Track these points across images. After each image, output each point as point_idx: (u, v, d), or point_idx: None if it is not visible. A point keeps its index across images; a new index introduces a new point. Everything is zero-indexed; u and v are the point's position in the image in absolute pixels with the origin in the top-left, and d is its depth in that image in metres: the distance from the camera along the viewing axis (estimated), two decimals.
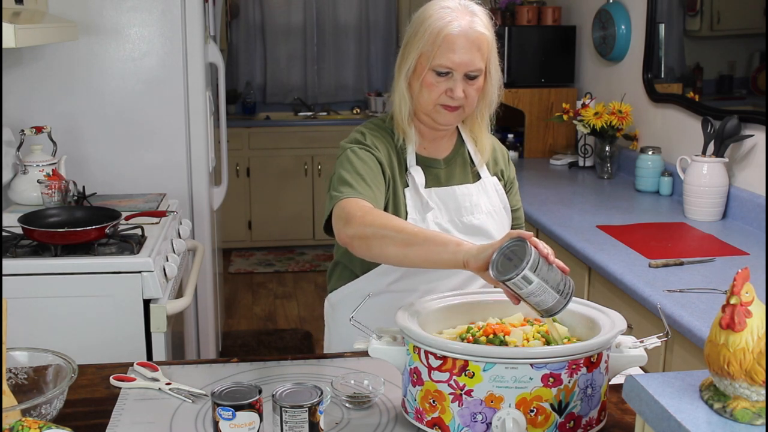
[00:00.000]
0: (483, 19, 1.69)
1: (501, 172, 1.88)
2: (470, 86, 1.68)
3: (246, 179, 5.68)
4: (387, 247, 1.46)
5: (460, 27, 1.64)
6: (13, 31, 2.08)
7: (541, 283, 1.25)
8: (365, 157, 1.68)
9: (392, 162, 1.74)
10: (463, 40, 1.64)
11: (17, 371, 1.44)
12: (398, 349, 1.35)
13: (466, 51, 1.64)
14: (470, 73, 1.66)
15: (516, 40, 3.97)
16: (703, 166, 2.72)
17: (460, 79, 1.66)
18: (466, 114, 1.75)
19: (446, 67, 1.65)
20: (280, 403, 1.27)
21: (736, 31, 2.90)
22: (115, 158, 3.16)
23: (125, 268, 2.23)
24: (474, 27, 1.66)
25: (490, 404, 1.24)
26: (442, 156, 1.81)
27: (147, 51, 3.12)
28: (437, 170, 1.79)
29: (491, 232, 1.77)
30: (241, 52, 6.14)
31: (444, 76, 1.66)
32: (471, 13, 1.68)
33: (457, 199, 1.76)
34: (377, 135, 1.76)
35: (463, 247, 1.37)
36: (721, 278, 2.11)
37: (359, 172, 1.64)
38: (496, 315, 1.46)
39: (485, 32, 1.67)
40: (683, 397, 1.09)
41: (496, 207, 1.81)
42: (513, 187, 1.91)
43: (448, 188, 1.77)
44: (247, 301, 4.93)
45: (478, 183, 1.81)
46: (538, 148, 4.02)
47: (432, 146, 1.80)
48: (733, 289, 1.03)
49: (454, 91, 1.66)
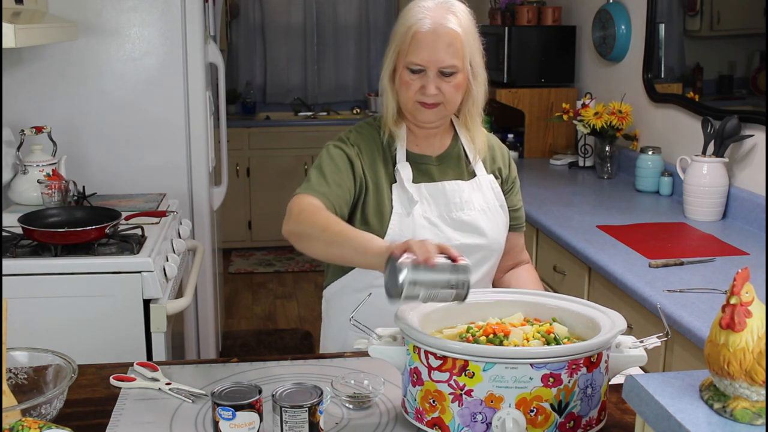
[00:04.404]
0: (460, 16, 1.69)
1: (498, 171, 1.87)
2: (446, 83, 1.68)
3: (246, 179, 5.68)
4: (313, 245, 1.55)
5: (430, 24, 1.66)
6: (13, 31, 2.09)
7: (429, 290, 1.29)
8: (336, 154, 1.73)
9: (375, 160, 1.76)
10: (433, 37, 1.66)
11: (17, 371, 1.44)
12: (398, 349, 1.35)
13: (436, 48, 1.65)
14: (444, 69, 1.67)
15: (516, 40, 3.97)
16: (703, 166, 2.72)
17: (433, 77, 1.67)
18: (448, 112, 1.75)
19: (417, 64, 1.67)
20: (280, 403, 1.27)
21: (736, 31, 2.90)
22: (115, 158, 3.16)
23: (125, 268, 2.23)
24: (445, 24, 1.66)
25: (490, 404, 1.24)
26: (435, 153, 1.81)
27: (147, 51, 3.12)
28: (429, 166, 1.79)
29: (483, 228, 1.78)
30: (241, 52, 6.14)
31: (418, 73, 1.68)
32: (447, 10, 1.68)
33: (447, 195, 1.77)
34: (364, 134, 1.79)
35: (372, 251, 1.41)
36: (721, 278, 2.11)
37: (323, 170, 1.70)
38: (496, 315, 1.46)
39: (457, 29, 1.67)
40: (683, 397, 1.09)
41: (491, 204, 1.81)
42: (514, 187, 1.91)
43: (437, 184, 1.77)
44: (247, 301, 4.93)
45: (472, 180, 1.81)
46: (538, 148, 4.02)
47: (425, 143, 1.81)
48: (733, 289, 1.03)
49: (426, 88, 1.68)
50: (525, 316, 1.46)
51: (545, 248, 2.86)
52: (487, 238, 1.78)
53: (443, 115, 1.75)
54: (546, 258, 2.85)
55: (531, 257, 2.97)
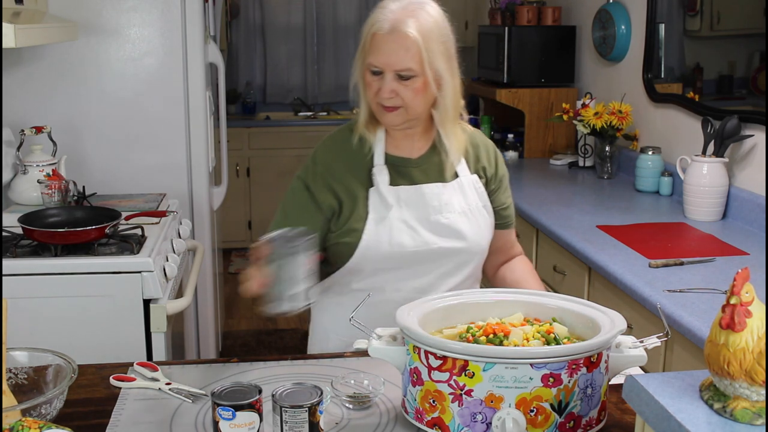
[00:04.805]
0: (422, 20, 1.64)
1: (483, 170, 1.83)
2: (404, 87, 1.65)
3: (246, 179, 5.68)
4: None
5: (389, 27, 1.63)
6: (13, 31, 2.09)
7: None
8: (297, 189, 1.76)
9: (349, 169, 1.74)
10: (389, 40, 1.63)
11: (17, 371, 1.44)
12: (398, 349, 1.35)
13: (391, 51, 1.63)
14: (401, 73, 1.64)
15: (516, 40, 3.97)
16: (703, 166, 2.72)
17: (389, 79, 1.65)
18: (411, 116, 1.70)
19: (374, 66, 1.66)
20: (280, 403, 1.27)
21: (736, 31, 2.90)
22: (115, 158, 3.16)
23: (125, 268, 2.23)
24: (402, 28, 1.62)
25: (490, 404, 1.24)
26: (415, 155, 1.78)
27: (147, 51, 3.12)
28: (409, 169, 1.77)
29: (463, 231, 1.75)
30: (241, 52, 6.14)
31: (377, 75, 1.67)
32: (410, 13, 1.64)
33: (425, 198, 1.74)
34: (333, 144, 1.79)
35: None
36: (721, 278, 2.11)
37: (286, 209, 1.77)
38: (496, 315, 1.46)
39: (414, 34, 1.62)
40: (683, 397, 1.09)
41: (473, 206, 1.78)
42: (501, 186, 1.87)
43: (415, 187, 1.75)
44: (247, 301, 4.93)
45: (454, 182, 1.78)
46: (538, 148, 4.02)
47: (404, 144, 1.78)
48: (733, 289, 1.03)
49: (381, 90, 1.66)
50: (525, 316, 1.46)
51: (545, 248, 2.86)
52: (467, 242, 1.76)
53: (406, 118, 1.71)
54: (546, 258, 2.86)
55: (531, 257, 2.98)
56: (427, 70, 1.65)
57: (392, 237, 1.71)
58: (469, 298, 1.51)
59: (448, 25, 1.70)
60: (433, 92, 1.68)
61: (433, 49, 1.64)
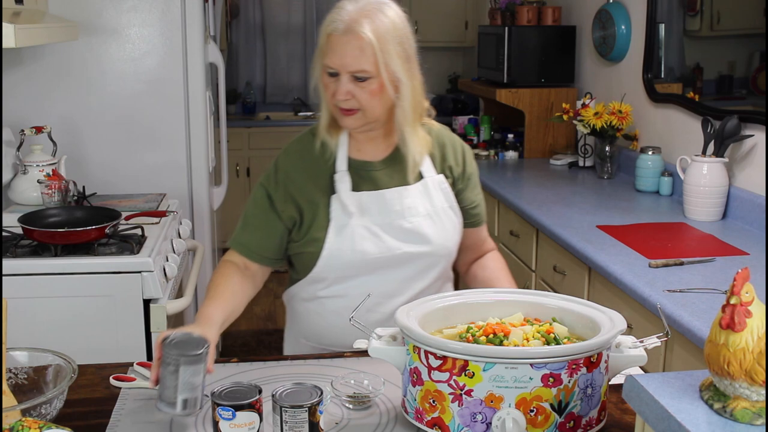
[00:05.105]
0: (378, 22, 1.61)
1: (449, 169, 1.79)
2: (360, 89, 1.62)
3: (246, 179, 5.68)
4: None
5: (344, 28, 1.60)
6: (13, 31, 2.09)
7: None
8: (258, 197, 1.75)
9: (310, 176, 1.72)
10: (343, 41, 1.60)
11: (17, 371, 1.44)
12: (398, 349, 1.35)
13: (346, 52, 1.60)
14: (356, 74, 1.61)
15: (516, 40, 3.97)
16: (703, 166, 2.72)
17: (345, 81, 1.62)
18: (370, 118, 1.67)
19: (330, 67, 1.63)
20: (280, 403, 1.27)
21: (736, 31, 2.90)
22: (115, 158, 3.16)
23: (125, 268, 2.24)
24: (357, 29, 1.59)
25: (490, 404, 1.24)
26: (379, 157, 1.75)
27: (147, 51, 3.13)
28: (372, 172, 1.73)
29: (427, 235, 1.72)
30: (241, 52, 6.14)
31: (334, 76, 1.64)
32: (365, 14, 1.61)
33: (387, 203, 1.71)
34: (295, 150, 1.77)
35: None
36: (721, 278, 2.11)
37: (247, 217, 1.77)
38: (496, 315, 1.46)
39: (369, 35, 1.59)
40: (683, 397, 1.09)
41: (438, 208, 1.75)
42: (469, 184, 1.83)
43: (377, 192, 1.72)
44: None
45: (418, 183, 1.74)
46: (538, 148, 4.02)
47: (367, 147, 1.75)
48: (733, 289, 1.03)
49: (337, 92, 1.64)
50: (525, 316, 1.46)
51: (545, 248, 2.86)
52: (432, 245, 1.73)
53: (365, 121, 1.68)
54: (546, 258, 2.86)
55: (531, 257, 2.98)
56: (383, 71, 1.61)
57: (354, 244, 1.68)
58: (469, 298, 1.51)
59: (407, 26, 1.67)
60: (390, 94, 1.65)
61: (388, 50, 1.61)
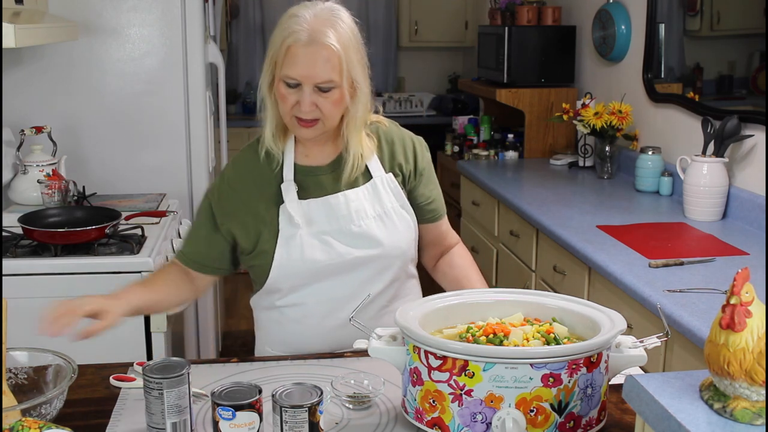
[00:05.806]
0: (340, 30, 1.59)
1: (399, 167, 1.75)
2: (324, 99, 1.59)
3: None
4: None
5: (307, 38, 1.56)
6: (13, 31, 2.09)
7: None
8: (203, 209, 1.78)
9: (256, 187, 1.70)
10: (308, 52, 1.56)
11: (17, 371, 1.44)
12: (398, 349, 1.35)
13: (311, 63, 1.56)
14: (321, 85, 1.57)
15: (516, 40, 3.97)
16: (703, 166, 2.72)
17: (309, 92, 1.58)
18: (327, 127, 1.64)
19: (293, 78, 1.58)
20: (280, 403, 1.27)
21: (736, 31, 2.90)
22: (115, 158, 3.16)
23: (125, 268, 2.24)
24: (322, 40, 1.56)
25: (490, 404, 1.24)
26: (327, 161, 1.72)
27: (147, 51, 3.13)
28: (320, 177, 1.71)
29: (378, 237, 1.69)
30: (241, 52, 6.14)
31: (294, 87, 1.59)
32: (326, 23, 1.58)
33: (333, 209, 1.68)
34: (242, 162, 1.74)
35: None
36: (721, 278, 2.11)
37: (192, 228, 1.81)
38: (496, 315, 1.46)
39: (336, 45, 1.57)
40: (683, 397, 1.09)
41: (388, 208, 1.71)
42: (422, 179, 1.79)
43: (322, 199, 1.69)
44: (246, 301, 4.89)
45: (367, 184, 1.71)
46: (538, 148, 4.02)
47: (315, 152, 1.72)
48: (733, 289, 1.03)
49: (301, 104, 1.58)
50: (525, 316, 1.46)
51: (545, 248, 2.86)
52: (383, 247, 1.69)
53: (321, 131, 1.64)
54: (546, 258, 2.85)
55: (531, 257, 2.98)
56: (345, 80, 1.60)
57: (304, 254, 1.66)
58: (469, 298, 1.51)
59: (358, 31, 1.65)
60: (347, 101, 1.63)
61: (352, 59, 1.60)
